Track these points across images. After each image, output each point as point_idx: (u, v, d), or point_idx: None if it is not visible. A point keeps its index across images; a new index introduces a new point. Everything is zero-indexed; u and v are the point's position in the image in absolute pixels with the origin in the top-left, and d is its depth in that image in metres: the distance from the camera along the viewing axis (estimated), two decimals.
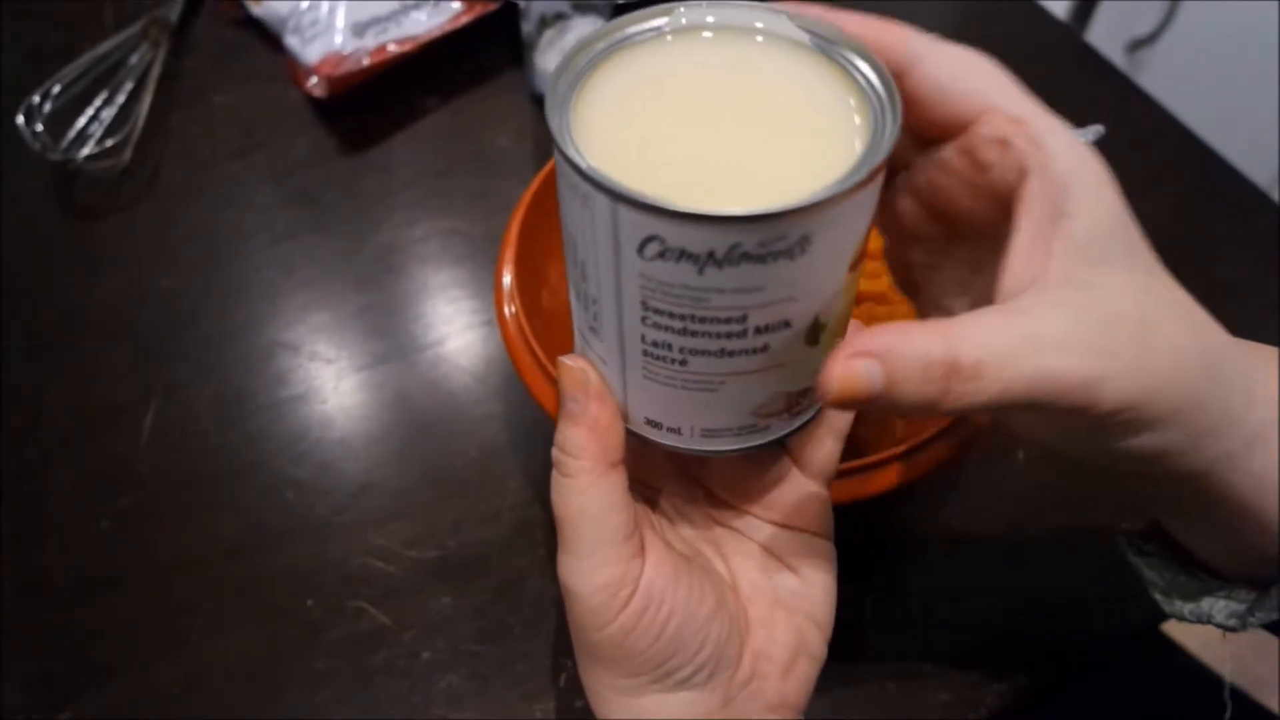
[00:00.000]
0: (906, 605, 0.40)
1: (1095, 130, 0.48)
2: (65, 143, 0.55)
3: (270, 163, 0.57)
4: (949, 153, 0.24)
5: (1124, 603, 0.40)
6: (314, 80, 0.57)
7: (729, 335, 0.22)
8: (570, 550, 0.25)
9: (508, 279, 0.38)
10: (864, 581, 0.40)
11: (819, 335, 0.23)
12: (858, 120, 0.22)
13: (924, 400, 0.21)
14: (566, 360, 0.26)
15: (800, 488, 0.28)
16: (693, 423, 0.25)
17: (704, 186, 0.21)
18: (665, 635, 0.25)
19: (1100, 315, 0.22)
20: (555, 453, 0.25)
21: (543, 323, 0.38)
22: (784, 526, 0.28)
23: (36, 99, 0.55)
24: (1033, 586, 0.41)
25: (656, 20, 0.24)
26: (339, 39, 0.57)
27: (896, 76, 0.23)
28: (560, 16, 0.54)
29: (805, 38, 0.23)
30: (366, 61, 0.56)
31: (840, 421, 0.27)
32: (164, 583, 0.42)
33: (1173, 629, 0.50)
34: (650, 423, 0.25)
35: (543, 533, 0.42)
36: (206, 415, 0.47)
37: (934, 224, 0.26)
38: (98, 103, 0.57)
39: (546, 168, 0.41)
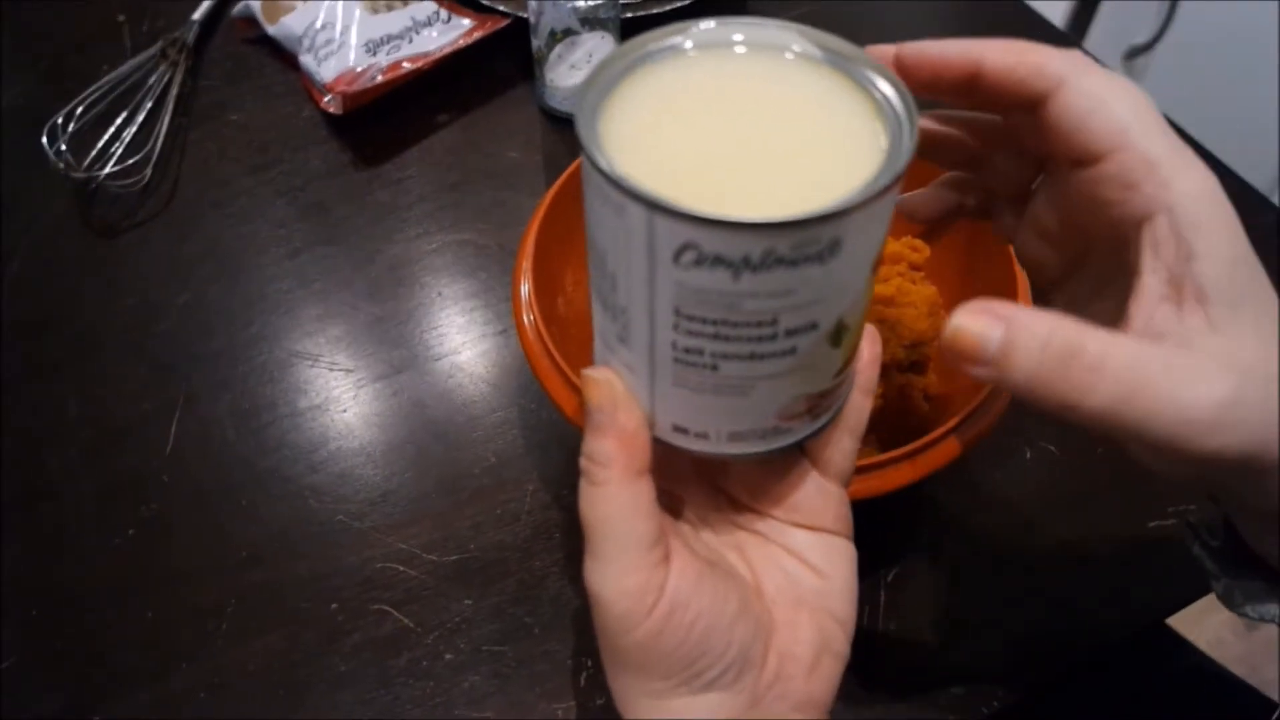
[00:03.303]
0: (919, 600, 0.41)
1: None
2: (87, 162, 0.56)
3: (285, 178, 0.58)
4: (1078, 181, 0.25)
5: (1135, 599, 0.41)
6: (329, 98, 0.58)
7: (760, 339, 0.23)
8: (598, 556, 0.26)
9: (525, 288, 0.39)
10: (877, 578, 0.41)
11: (841, 337, 0.24)
12: (877, 132, 0.23)
13: (1036, 378, 0.21)
14: (591, 372, 0.26)
15: (819, 489, 0.28)
16: (720, 427, 0.25)
17: (733, 195, 0.22)
18: (692, 638, 0.25)
19: (1233, 364, 0.22)
20: (583, 462, 0.26)
21: (559, 329, 0.39)
22: (804, 528, 0.28)
23: (60, 119, 0.56)
24: (1044, 582, 0.41)
25: (678, 37, 0.24)
26: (353, 57, 0.59)
27: (1036, 105, 0.24)
28: (569, 32, 0.55)
29: (821, 55, 0.24)
30: (380, 78, 0.58)
31: (855, 422, 0.28)
32: (188, 589, 0.42)
33: (1182, 626, 0.51)
34: (678, 429, 0.26)
35: (561, 535, 0.43)
36: (227, 425, 0.48)
37: (1064, 234, 0.27)
38: (118, 122, 0.58)
39: (560, 179, 0.42)
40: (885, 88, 0.23)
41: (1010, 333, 0.22)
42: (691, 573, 0.26)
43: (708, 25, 0.25)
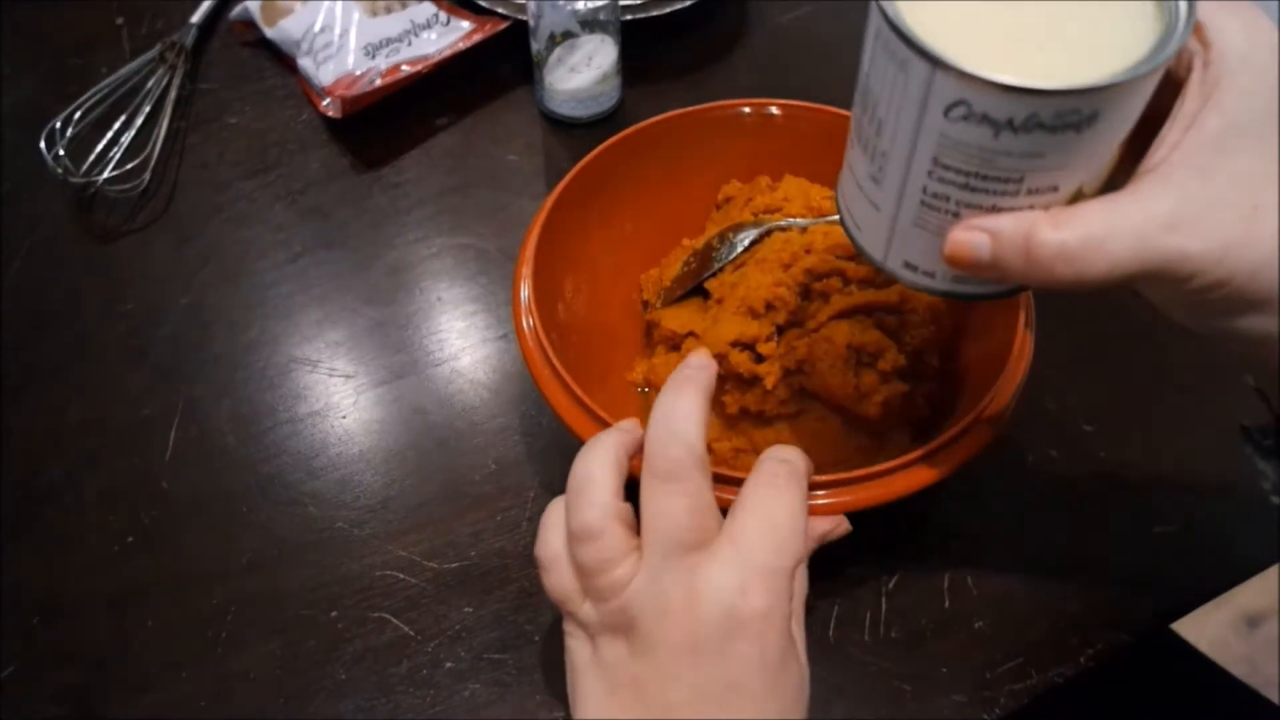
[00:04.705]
0: (920, 606, 0.41)
1: None
2: (85, 166, 0.56)
3: (285, 182, 0.58)
4: None
5: (1139, 605, 0.41)
6: (328, 101, 0.58)
7: (1003, 194, 0.25)
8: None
9: (525, 293, 0.39)
10: (878, 585, 0.41)
11: (1077, 203, 0.25)
12: (1152, 14, 0.24)
13: (1030, 277, 0.25)
14: None
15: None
16: (947, 268, 0.28)
17: (1007, 59, 0.24)
18: None
19: (1210, 197, 0.23)
20: None
21: (558, 334, 0.39)
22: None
23: (58, 124, 0.56)
24: (1046, 589, 0.41)
25: None
26: (352, 60, 0.58)
27: None
28: (569, 35, 0.55)
29: None
30: (379, 82, 0.58)
31: None
32: (189, 596, 0.42)
33: (1184, 628, 0.51)
34: (908, 265, 0.29)
35: None
36: (227, 431, 0.47)
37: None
38: (116, 126, 0.58)
39: (561, 184, 0.42)
40: None
41: (997, 244, 0.25)
42: None
43: None
